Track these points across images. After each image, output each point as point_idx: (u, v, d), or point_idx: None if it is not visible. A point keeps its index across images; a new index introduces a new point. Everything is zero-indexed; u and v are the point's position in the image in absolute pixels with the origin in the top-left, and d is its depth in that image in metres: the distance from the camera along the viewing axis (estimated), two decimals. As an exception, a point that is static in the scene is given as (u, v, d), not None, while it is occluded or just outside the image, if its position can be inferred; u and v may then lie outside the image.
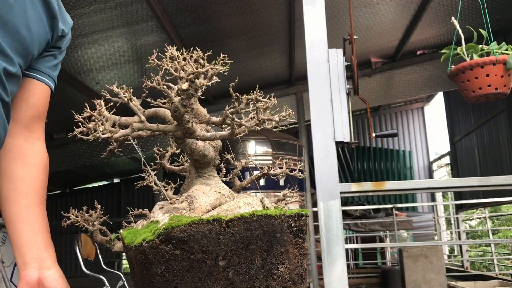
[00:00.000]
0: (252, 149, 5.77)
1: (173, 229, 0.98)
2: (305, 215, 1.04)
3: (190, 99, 1.02)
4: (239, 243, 1.00)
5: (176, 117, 1.05)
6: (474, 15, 5.73)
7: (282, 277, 1.02)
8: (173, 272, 0.99)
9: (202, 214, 1.12)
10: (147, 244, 0.99)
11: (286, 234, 1.02)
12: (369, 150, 12.28)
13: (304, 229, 1.03)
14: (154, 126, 1.09)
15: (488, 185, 2.36)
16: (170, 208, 1.11)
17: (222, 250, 0.99)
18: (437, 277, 6.40)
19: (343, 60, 2.44)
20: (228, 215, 1.02)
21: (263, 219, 1.01)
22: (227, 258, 0.99)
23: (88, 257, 4.19)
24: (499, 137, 7.97)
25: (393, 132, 2.95)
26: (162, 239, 0.98)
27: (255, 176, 1.29)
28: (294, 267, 1.03)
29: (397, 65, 7.21)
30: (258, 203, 1.15)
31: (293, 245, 1.03)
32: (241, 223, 1.00)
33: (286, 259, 1.02)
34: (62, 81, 5.71)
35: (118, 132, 1.05)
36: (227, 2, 4.73)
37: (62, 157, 7.85)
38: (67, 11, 1.21)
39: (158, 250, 0.98)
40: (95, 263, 4.51)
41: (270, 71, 6.93)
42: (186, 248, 0.98)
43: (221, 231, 0.99)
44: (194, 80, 0.98)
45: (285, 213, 1.02)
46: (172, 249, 0.98)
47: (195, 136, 1.11)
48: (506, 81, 2.28)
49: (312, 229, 6.48)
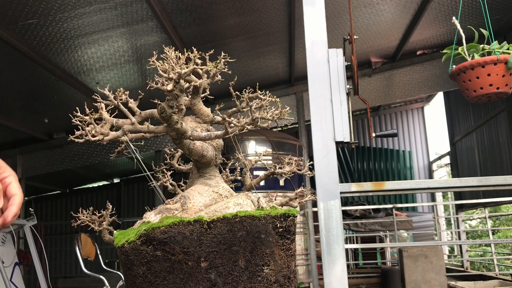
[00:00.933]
0: (252, 149, 5.77)
1: (153, 230, 0.97)
2: (292, 215, 1.01)
3: (176, 100, 1.02)
4: (222, 244, 0.98)
5: (163, 118, 1.04)
6: (474, 15, 5.73)
7: (267, 279, 1.00)
8: (155, 273, 0.99)
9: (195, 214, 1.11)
10: (129, 245, 0.99)
11: (271, 235, 1.00)
12: (369, 150, 12.28)
13: (291, 229, 1.01)
14: (144, 128, 1.09)
15: (488, 185, 2.36)
16: (163, 209, 1.11)
17: (204, 251, 0.98)
18: (437, 277, 6.40)
19: (343, 60, 2.44)
20: (216, 215, 1.01)
21: (246, 220, 0.99)
22: (209, 260, 0.98)
23: (88, 257, 4.18)
24: (499, 137, 7.97)
25: (393, 132, 2.95)
26: (142, 240, 0.98)
27: (265, 175, 1.28)
28: (280, 268, 1.01)
29: (397, 65, 7.21)
30: (249, 203, 1.12)
31: (279, 246, 1.00)
32: (223, 224, 0.99)
33: (272, 261, 1.00)
34: (62, 81, 5.71)
35: (109, 135, 1.05)
36: (227, 2, 4.72)
37: (62, 157, 7.85)
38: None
39: (139, 251, 0.98)
40: (95, 263, 4.51)
41: (270, 71, 6.92)
42: (167, 249, 0.97)
43: (203, 232, 0.98)
44: (178, 81, 0.98)
45: (269, 213, 1.00)
46: (153, 250, 0.97)
47: (187, 137, 1.10)
48: (507, 80, 2.27)
49: (312, 229, 6.47)
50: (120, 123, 1.12)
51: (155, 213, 1.10)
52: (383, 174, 12.11)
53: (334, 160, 2.31)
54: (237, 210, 1.07)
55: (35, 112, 6.92)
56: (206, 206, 1.14)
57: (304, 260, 6.14)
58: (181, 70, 0.97)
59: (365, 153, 12.26)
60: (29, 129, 7.35)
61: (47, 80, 5.71)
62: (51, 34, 4.61)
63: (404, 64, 7.19)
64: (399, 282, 7.12)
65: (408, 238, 9.03)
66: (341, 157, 11.88)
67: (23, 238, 7.11)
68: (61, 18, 4.31)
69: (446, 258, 10.28)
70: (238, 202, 1.11)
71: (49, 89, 6.01)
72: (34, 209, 4.95)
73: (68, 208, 12.98)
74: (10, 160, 7.90)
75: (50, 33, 4.60)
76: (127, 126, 1.07)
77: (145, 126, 1.09)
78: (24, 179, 7.96)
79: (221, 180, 1.26)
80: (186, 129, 1.09)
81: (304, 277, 6.04)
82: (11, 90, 6.05)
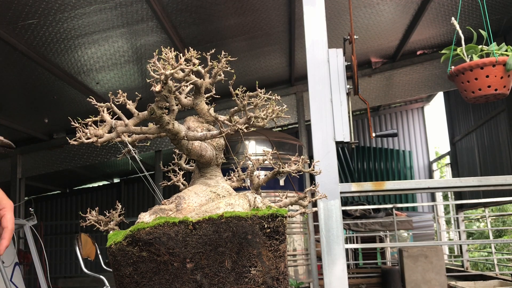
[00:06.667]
0: (252, 149, 5.77)
1: (139, 231, 0.98)
2: (280, 216, 1.00)
3: (166, 100, 1.02)
4: (207, 245, 0.98)
5: (153, 119, 1.05)
6: (474, 15, 5.73)
7: (255, 280, 0.99)
8: (141, 274, 0.99)
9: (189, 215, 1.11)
10: (115, 246, 0.99)
11: (259, 235, 0.99)
12: (369, 150, 12.27)
13: (280, 230, 1.00)
14: (137, 129, 1.09)
15: (488, 185, 2.36)
16: (157, 210, 1.11)
17: (190, 252, 0.98)
18: (437, 277, 6.40)
19: (343, 60, 2.45)
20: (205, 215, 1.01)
21: (232, 220, 0.99)
22: (194, 261, 0.98)
23: (88, 257, 4.19)
24: (499, 137, 7.97)
25: (393, 132, 2.95)
26: (128, 241, 0.98)
27: (272, 174, 1.28)
28: (268, 270, 1.00)
29: (397, 65, 7.21)
30: (242, 203, 1.11)
31: (266, 247, 1.00)
32: (208, 225, 0.98)
33: (259, 262, 0.99)
34: (62, 81, 5.72)
35: (104, 137, 1.05)
36: (227, 2, 4.73)
37: (62, 157, 7.86)
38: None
39: (125, 252, 0.99)
40: (95, 263, 4.51)
41: (270, 71, 6.93)
42: (152, 250, 0.98)
43: (188, 233, 0.98)
44: (166, 82, 0.98)
45: (256, 214, 1.00)
46: (139, 251, 0.98)
47: (180, 137, 1.10)
48: (505, 82, 2.28)
49: (312, 229, 6.48)
50: (118, 124, 1.12)
51: (150, 213, 1.10)
52: (383, 174, 12.11)
53: (334, 160, 2.31)
54: (229, 210, 1.06)
55: (35, 112, 6.92)
56: (202, 206, 1.14)
57: (304, 260, 6.14)
58: (166, 71, 0.97)
59: (365, 153, 12.26)
60: (29, 129, 7.36)
61: (47, 80, 5.71)
62: (51, 34, 4.61)
63: (404, 64, 7.20)
64: (399, 282, 7.12)
65: (408, 238, 9.03)
66: (341, 157, 11.88)
67: (23, 238, 7.11)
68: (61, 18, 4.31)
69: (446, 258, 10.28)
70: (230, 202, 1.10)
71: (49, 89, 6.01)
72: (34, 209, 4.95)
73: (68, 208, 12.98)
74: (10, 160, 7.90)
75: (50, 33, 4.60)
76: (120, 127, 1.08)
77: (138, 128, 1.09)
78: (24, 179, 7.96)
79: (222, 179, 1.26)
80: (179, 130, 1.09)
81: (304, 277, 6.04)
82: (11, 90, 6.05)
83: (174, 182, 1.40)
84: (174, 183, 1.41)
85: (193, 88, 1.16)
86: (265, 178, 1.28)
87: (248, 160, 1.31)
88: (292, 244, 5.91)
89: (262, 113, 1.09)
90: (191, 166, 1.40)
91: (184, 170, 1.44)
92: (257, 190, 1.27)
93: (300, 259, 6.05)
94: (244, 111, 1.09)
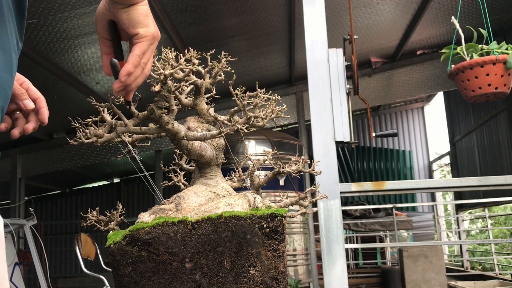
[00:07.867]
0: (252, 149, 5.77)
1: (138, 231, 0.98)
2: (279, 215, 1.00)
3: (165, 100, 1.02)
4: (206, 245, 0.98)
5: (153, 119, 1.05)
6: (474, 15, 5.73)
7: (254, 280, 0.99)
8: (140, 274, 1.00)
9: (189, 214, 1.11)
10: (115, 245, 0.99)
11: (258, 235, 0.99)
12: (369, 150, 12.27)
13: (279, 230, 1.00)
14: (137, 129, 1.09)
15: (488, 185, 2.36)
16: (157, 209, 1.11)
17: (189, 252, 0.98)
18: (437, 277, 6.40)
19: (343, 60, 2.45)
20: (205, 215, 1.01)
21: (231, 220, 0.99)
22: (193, 260, 0.98)
23: (88, 257, 4.18)
24: (499, 137, 7.97)
25: (393, 132, 2.95)
26: (127, 241, 0.99)
27: (272, 174, 1.28)
28: (267, 269, 1.00)
29: (397, 65, 7.21)
30: (242, 203, 1.11)
31: (266, 247, 1.00)
32: (207, 224, 0.99)
33: (258, 262, 0.99)
34: (62, 81, 5.71)
35: (104, 137, 1.05)
36: (227, 2, 4.73)
37: (62, 157, 7.86)
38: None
39: (124, 251, 0.99)
40: (95, 263, 4.51)
41: (270, 71, 6.92)
42: (151, 249, 0.98)
43: (187, 232, 0.98)
44: (165, 82, 0.99)
45: (255, 214, 1.00)
46: (138, 251, 0.99)
47: (180, 137, 1.10)
48: (506, 80, 2.28)
49: (312, 229, 6.48)
50: (118, 125, 1.13)
51: (149, 213, 1.10)
52: (383, 174, 12.11)
53: (334, 160, 2.31)
54: (229, 210, 1.06)
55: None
56: (201, 206, 1.14)
57: (304, 260, 6.14)
58: (165, 71, 0.97)
59: (365, 153, 12.26)
60: (29, 129, 7.35)
61: (47, 80, 5.70)
62: (51, 34, 4.61)
63: (404, 64, 7.19)
64: (399, 282, 7.12)
65: (408, 238, 9.03)
66: (341, 157, 11.88)
67: (23, 238, 7.11)
68: (61, 18, 4.31)
69: (446, 258, 10.28)
70: (229, 202, 1.10)
71: (49, 89, 6.01)
72: (34, 209, 4.95)
73: (68, 208, 12.98)
74: (10, 160, 7.90)
75: (50, 33, 4.60)
76: (120, 127, 1.08)
77: (138, 128, 1.09)
78: (24, 179, 7.96)
79: (222, 180, 1.25)
80: (179, 130, 1.09)
81: (304, 277, 6.04)
82: (11, 90, 6.04)
83: (175, 183, 1.40)
84: (175, 183, 1.40)
85: (193, 88, 1.16)
86: (266, 178, 1.28)
87: (248, 160, 1.31)
88: (292, 244, 5.91)
89: (262, 113, 1.09)
90: (192, 166, 1.40)
91: (185, 170, 1.44)
92: (258, 190, 1.27)
93: (300, 259, 6.05)
94: (244, 111, 1.09)
